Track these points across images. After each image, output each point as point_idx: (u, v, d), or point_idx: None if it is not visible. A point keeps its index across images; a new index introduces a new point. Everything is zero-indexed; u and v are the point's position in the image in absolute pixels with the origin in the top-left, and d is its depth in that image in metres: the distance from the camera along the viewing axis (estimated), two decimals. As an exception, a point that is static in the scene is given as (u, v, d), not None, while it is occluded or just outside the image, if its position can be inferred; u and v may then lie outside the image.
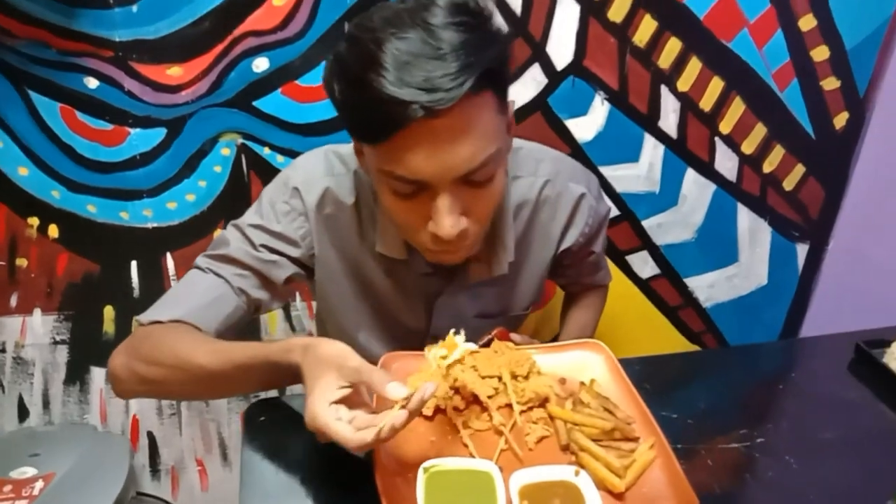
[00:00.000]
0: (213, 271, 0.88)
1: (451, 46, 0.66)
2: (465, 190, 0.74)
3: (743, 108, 1.38)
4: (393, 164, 0.72)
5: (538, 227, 0.98)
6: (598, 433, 0.76)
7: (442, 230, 0.74)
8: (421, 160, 0.70)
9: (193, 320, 0.84)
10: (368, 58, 0.67)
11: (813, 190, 1.49)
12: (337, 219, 0.92)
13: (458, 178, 0.73)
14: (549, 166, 0.98)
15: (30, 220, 1.28)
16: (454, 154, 0.70)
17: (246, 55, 1.21)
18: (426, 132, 0.68)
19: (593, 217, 1.00)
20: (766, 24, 1.30)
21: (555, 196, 0.97)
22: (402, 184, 0.74)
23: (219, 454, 1.57)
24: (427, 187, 0.73)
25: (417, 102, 0.65)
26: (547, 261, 1.02)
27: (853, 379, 0.94)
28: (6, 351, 1.39)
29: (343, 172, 0.92)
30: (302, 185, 0.91)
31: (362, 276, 0.97)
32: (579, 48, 1.28)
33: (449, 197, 0.73)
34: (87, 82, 1.19)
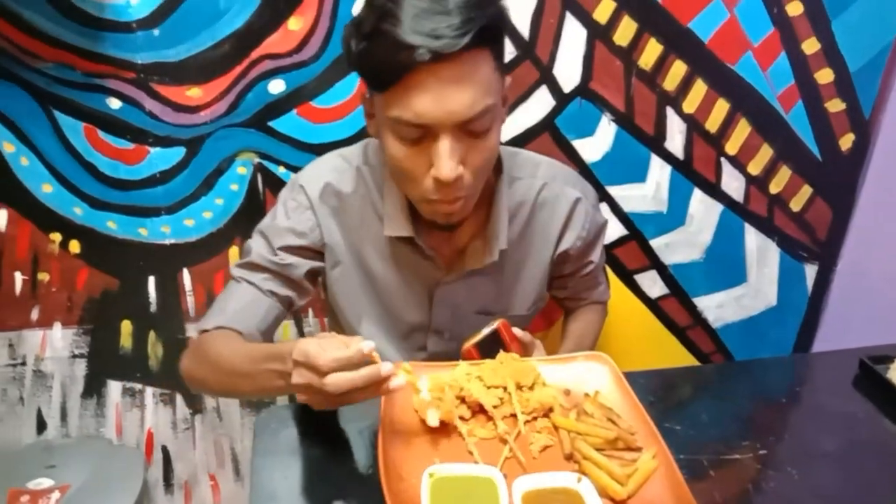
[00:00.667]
0: (244, 279, 1.00)
1: (456, 4, 0.76)
2: (463, 139, 0.82)
3: (749, 129, 1.40)
4: (401, 108, 0.80)
5: (537, 228, 1.05)
6: (601, 443, 0.77)
7: (442, 172, 0.81)
8: (426, 103, 0.78)
9: (234, 325, 0.95)
10: (386, 12, 0.76)
11: (820, 210, 1.50)
12: (339, 210, 1.01)
13: (458, 124, 0.80)
14: (546, 170, 1.06)
15: (52, 235, 1.32)
16: (455, 99, 0.78)
17: (263, 77, 1.25)
18: (431, 77, 0.77)
19: (590, 223, 1.07)
20: (770, 47, 1.33)
21: (552, 198, 1.04)
22: (408, 129, 0.81)
23: (231, 469, 1.59)
24: (430, 133, 0.81)
25: (424, 47, 0.74)
26: (546, 262, 1.07)
27: (857, 394, 0.94)
28: (26, 364, 1.42)
29: (345, 168, 1.02)
30: (306, 182, 1.01)
31: (366, 266, 1.04)
32: (586, 71, 1.31)
33: (449, 142, 0.81)
34: (109, 103, 1.23)
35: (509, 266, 1.05)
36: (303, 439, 0.81)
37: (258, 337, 0.98)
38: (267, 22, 1.21)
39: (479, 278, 1.03)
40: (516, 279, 1.07)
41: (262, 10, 1.19)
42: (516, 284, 1.07)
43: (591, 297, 1.21)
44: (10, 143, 1.24)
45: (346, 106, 1.29)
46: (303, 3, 1.20)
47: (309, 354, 0.70)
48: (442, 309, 1.04)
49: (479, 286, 1.04)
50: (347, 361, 0.69)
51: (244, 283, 1.00)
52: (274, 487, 0.75)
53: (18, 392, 1.45)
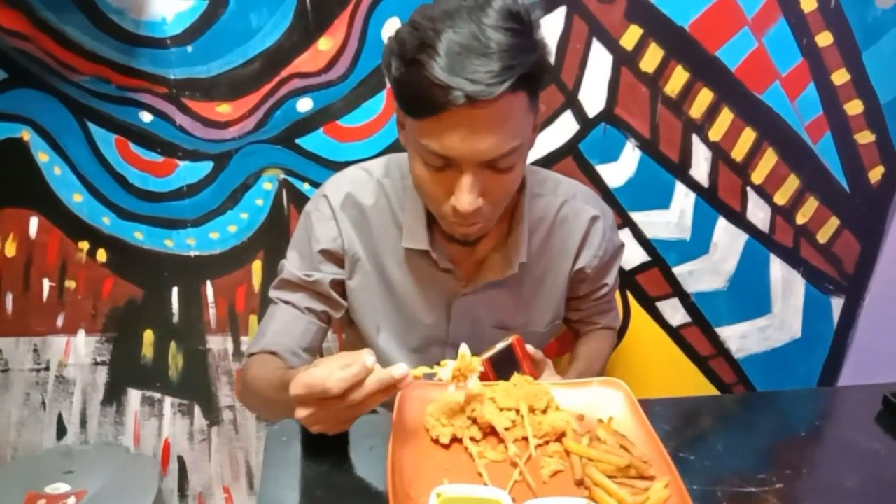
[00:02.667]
0: (281, 300, 1.04)
1: (499, 47, 0.75)
2: (486, 173, 0.84)
3: (775, 159, 1.39)
4: (430, 139, 0.81)
5: (556, 244, 1.05)
6: (613, 469, 0.76)
7: (461, 205, 0.83)
8: (455, 141, 0.79)
9: (276, 347, 1.00)
10: (425, 43, 0.76)
11: (848, 243, 1.47)
12: (359, 220, 1.03)
13: (483, 162, 0.82)
14: (567, 188, 1.07)
15: (80, 244, 1.35)
16: (484, 141, 0.79)
17: (291, 95, 1.27)
18: (464, 118, 0.77)
19: (608, 242, 1.08)
20: (798, 78, 1.32)
21: (572, 215, 1.05)
22: (435, 158, 0.83)
23: (245, 483, 1.59)
24: (455, 165, 0.83)
25: (461, 91, 0.74)
26: (564, 278, 1.08)
27: (880, 430, 0.92)
28: (50, 369, 1.45)
29: (366, 180, 1.03)
30: (328, 193, 1.03)
31: (385, 276, 1.05)
32: (611, 96, 1.32)
33: (472, 177, 0.82)
34: (141, 116, 1.27)
35: (528, 281, 1.06)
36: (313, 453, 0.81)
37: (301, 355, 1.01)
38: (297, 42, 1.23)
39: (497, 291, 1.04)
40: (535, 294, 1.07)
41: (293, 30, 1.22)
42: (535, 300, 1.08)
43: (602, 321, 1.22)
44: (45, 152, 1.28)
45: (372, 126, 1.30)
46: (333, 24, 1.23)
47: (312, 385, 0.69)
48: (460, 322, 1.05)
49: (497, 299, 1.05)
50: (356, 378, 0.69)
51: (281, 305, 1.04)
52: (282, 500, 0.75)
53: (41, 397, 1.47)
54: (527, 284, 1.06)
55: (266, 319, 1.05)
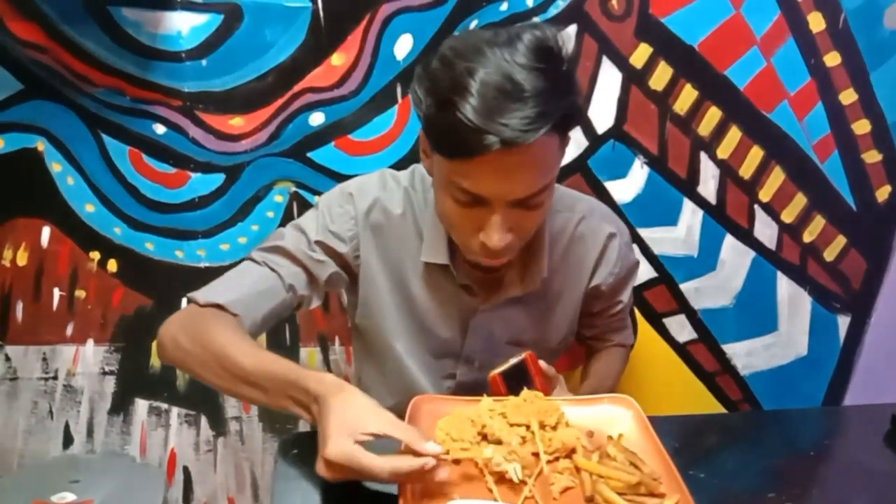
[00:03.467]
0: (267, 264, 0.96)
1: (533, 91, 0.74)
2: (516, 210, 0.84)
3: (783, 177, 1.39)
4: (461, 178, 0.81)
5: (573, 260, 1.05)
6: (623, 487, 0.76)
7: (491, 242, 0.84)
8: (488, 182, 0.80)
9: (242, 308, 0.91)
10: (459, 83, 0.75)
11: (855, 261, 1.48)
12: (383, 228, 1.00)
13: (515, 200, 0.82)
14: (584, 205, 1.07)
15: (91, 254, 1.36)
16: (518, 182, 0.80)
17: (304, 109, 1.28)
18: (498, 161, 0.77)
19: (623, 260, 1.08)
20: (806, 97, 1.33)
21: (589, 232, 1.05)
22: (465, 195, 0.82)
23: (250, 494, 1.59)
24: (485, 203, 0.82)
25: (497, 137, 0.73)
26: (579, 295, 1.08)
27: (888, 450, 0.92)
28: (58, 378, 1.45)
29: (394, 188, 1.01)
30: (356, 192, 1.00)
31: (404, 287, 1.03)
32: (620, 113, 1.33)
33: (502, 215, 0.83)
34: (155, 128, 1.27)
35: (544, 297, 1.05)
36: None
37: (255, 329, 0.93)
38: (311, 56, 1.24)
39: (514, 307, 1.04)
40: (550, 311, 1.07)
41: (307, 46, 1.23)
42: (550, 316, 1.08)
43: (616, 339, 1.22)
44: (58, 162, 1.29)
45: (383, 140, 1.32)
46: (346, 40, 1.24)
47: (362, 465, 0.68)
48: (476, 337, 1.05)
49: (513, 315, 1.05)
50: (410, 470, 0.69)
51: (266, 268, 0.96)
52: (294, 513, 0.75)
53: (48, 405, 1.47)
54: (543, 301, 1.06)
55: (239, 274, 0.97)
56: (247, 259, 0.99)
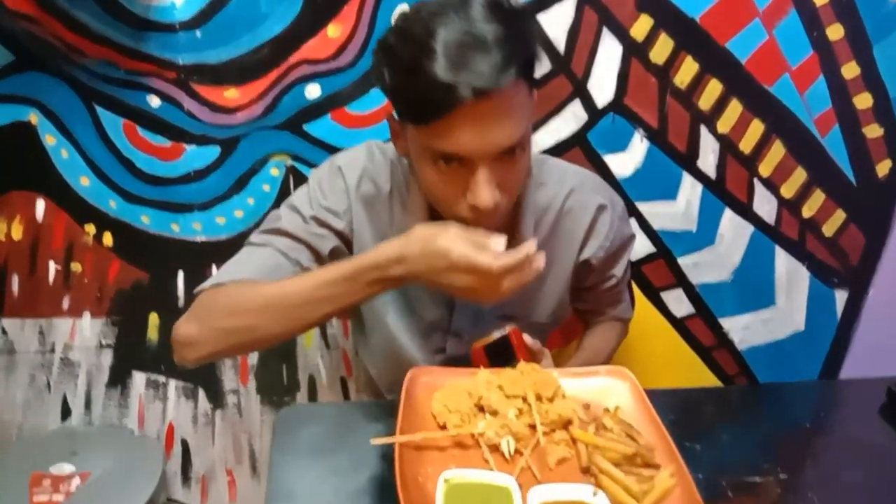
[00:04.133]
0: (268, 244, 0.95)
1: (495, 39, 0.76)
2: (498, 165, 0.83)
3: (783, 151, 1.38)
4: (440, 141, 0.80)
5: (561, 234, 1.04)
6: (618, 458, 0.77)
7: (481, 201, 0.83)
8: (467, 138, 0.79)
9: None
10: (421, 46, 0.76)
11: (854, 237, 1.47)
12: (373, 203, 1.00)
13: (497, 154, 0.82)
14: (574, 177, 1.06)
15: (87, 227, 1.35)
16: (496, 132, 0.80)
17: (299, 81, 1.27)
18: (472, 114, 0.77)
19: (615, 233, 1.06)
20: (808, 71, 1.31)
21: (578, 205, 1.04)
22: (445, 159, 0.82)
23: (249, 465, 1.60)
24: (467, 162, 0.82)
25: (469, 86, 0.74)
26: (569, 269, 1.07)
27: (883, 423, 0.93)
28: (55, 351, 1.46)
29: (381, 160, 1.01)
30: (344, 166, 1.00)
31: None
32: (620, 86, 1.32)
33: (487, 171, 0.82)
34: (149, 101, 1.26)
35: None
36: (322, 439, 0.82)
37: None
38: (306, 28, 1.23)
39: None
40: (539, 285, 1.06)
41: (303, 16, 1.22)
42: (538, 291, 1.07)
43: (611, 312, 1.21)
44: (52, 135, 1.28)
45: (379, 113, 1.30)
46: (342, 10, 1.22)
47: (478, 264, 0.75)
48: (463, 311, 1.04)
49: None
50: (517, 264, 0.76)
51: (268, 249, 0.95)
52: (291, 485, 0.76)
53: (46, 379, 1.48)
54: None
55: (245, 256, 0.96)
56: (247, 244, 0.98)
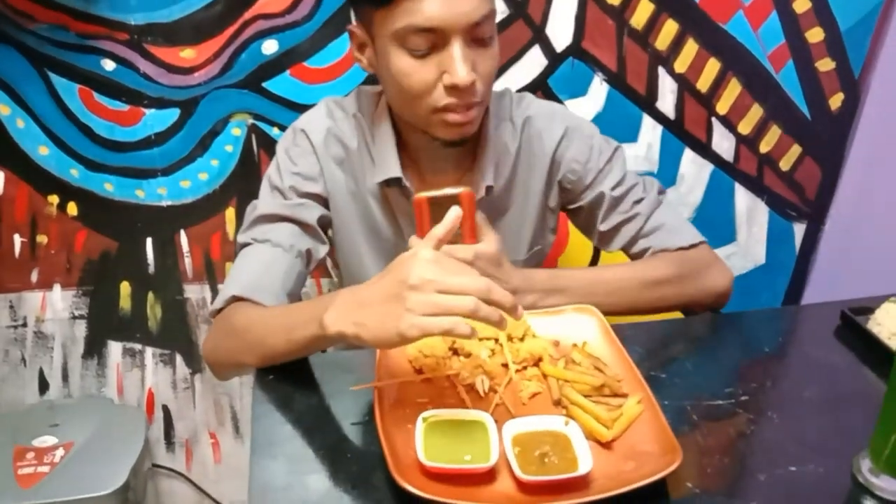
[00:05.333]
0: (256, 240, 0.95)
1: None
2: (472, 47, 0.85)
3: (739, 89, 1.41)
4: (410, 15, 0.82)
5: (525, 164, 1.04)
6: (588, 389, 0.80)
7: (458, 76, 0.84)
8: (437, 7, 0.81)
9: (257, 290, 0.90)
10: None
11: (809, 170, 1.52)
12: (342, 160, 1.00)
13: (467, 28, 0.83)
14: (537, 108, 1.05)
15: (50, 198, 1.34)
16: (465, 2, 0.82)
17: (256, 38, 1.26)
18: None
19: (589, 149, 1.04)
20: (760, 7, 1.34)
21: (539, 133, 1.04)
22: (418, 38, 0.83)
23: (231, 427, 1.62)
24: (440, 41, 0.84)
25: None
26: (538, 198, 1.06)
27: (839, 344, 0.97)
28: (27, 325, 1.45)
29: (342, 117, 1.00)
30: (306, 127, 0.99)
31: (369, 217, 1.03)
32: (578, 30, 1.32)
33: (462, 46, 0.84)
34: (104, 64, 1.24)
35: (501, 206, 1.05)
36: (302, 390, 0.83)
37: (284, 300, 0.92)
38: (260, -19, 1.21)
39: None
40: (510, 220, 1.06)
41: (255, -30, 1.20)
42: (510, 225, 1.06)
43: (651, 243, 1.05)
44: (6, 105, 1.25)
45: (339, 66, 1.30)
46: (295, -38, 1.21)
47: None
48: None
49: None
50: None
51: (257, 245, 0.94)
52: (274, 434, 0.77)
53: (20, 353, 1.48)
54: (500, 210, 1.05)
55: (239, 263, 0.94)
56: (238, 248, 0.97)
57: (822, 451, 0.76)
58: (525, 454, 0.71)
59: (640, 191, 1.05)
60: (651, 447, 0.73)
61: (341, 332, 0.70)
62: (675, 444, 0.70)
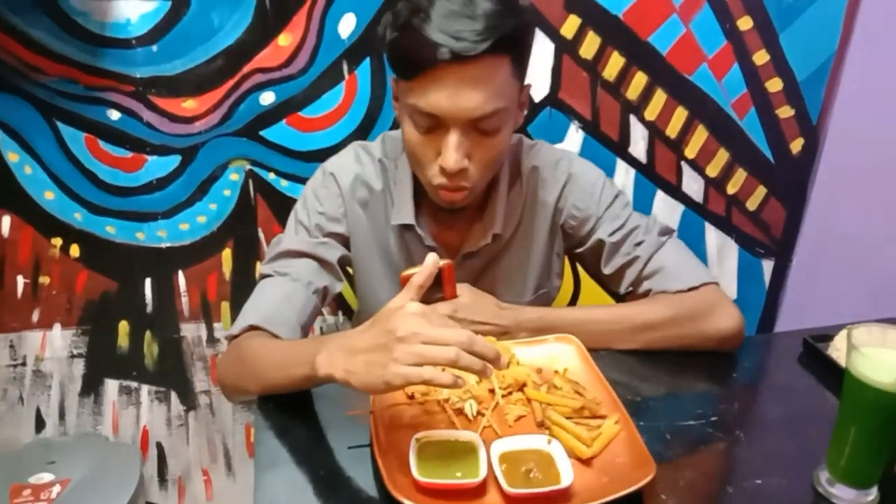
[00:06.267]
0: (278, 272, 1.00)
1: (484, 11, 0.83)
2: (472, 135, 0.90)
3: (706, 134, 1.50)
4: (418, 97, 0.87)
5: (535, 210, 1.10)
6: (569, 411, 0.86)
7: (446, 162, 0.89)
8: (441, 98, 0.86)
9: (274, 322, 0.95)
10: (419, 9, 0.84)
11: (775, 209, 1.61)
12: (367, 203, 1.06)
13: (468, 121, 0.88)
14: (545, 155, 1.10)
15: (53, 240, 1.39)
16: (469, 99, 0.86)
17: (254, 89, 1.33)
18: (450, 76, 0.84)
19: (589, 197, 1.08)
20: (723, 59, 1.44)
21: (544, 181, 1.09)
22: (423, 118, 0.89)
23: (224, 464, 1.65)
24: (442, 125, 0.89)
25: (446, 47, 0.82)
26: (543, 242, 1.11)
27: (801, 369, 1.04)
28: (27, 364, 1.48)
29: (368, 161, 1.07)
30: (336, 171, 1.06)
31: (387, 254, 1.08)
32: (555, 82, 1.42)
33: (457, 136, 0.88)
34: (109, 114, 1.31)
35: (508, 250, 1.09)
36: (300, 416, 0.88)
37: (299, 333, 0.97)
38: (258, 38, 1.29)
39: (478, 263, 1.08)
40: (516, 264, 1.11)
41: (254, 27, 1.28)
42: (516, 269, 1.11)
43: (652, 285, 1.05)
44: (15, 152, 1.31)
45: (332, 115, 1.37)
46: (291, 20, 1.29)
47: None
48: None
49: (479, 271, 1.09)
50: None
51: (278, 277, 0.99)
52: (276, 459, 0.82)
53: (18, 392, 1.50)
54: (507, 254, 1.09)
55: (259, 292, 0.99)
56: (260, 278, 1.02)
57: (785, 464, 0.82)
58: (511, 470, 0.76)
59: (642, 233, 1.07)
60: (627, 462, 0.78)
61: (331, 376, 0.74)
62: (649, 459, 0.76)
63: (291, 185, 1.42)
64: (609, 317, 1.03)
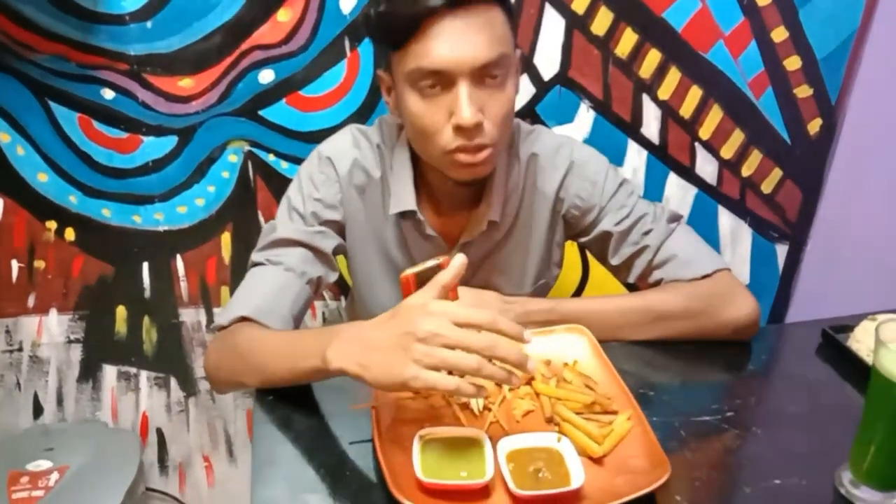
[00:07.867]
0: (271, 261, 0.97)
1: None
2: (480, 88, 0.87)
3: (721, 115, 1.46)
4: (419, 58, 0.85)
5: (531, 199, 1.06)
6: (579, 406, 0.82)
7: (462, 116, 0.85)
8: (443, 49, 0.84)
9: (265, 313, 0.92)
10: None
11: (790, 192, 1.56)
12: (364, 189, 1.02)
13: (475, 70, 0.85)
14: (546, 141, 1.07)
15: (48, 224, 1.36)
16: (471, 43, 0.84)
17: (253, 67, 1.29)
18: (447, 28, 0.83)
19: (592, 185, 1.05)
20: (740, 36, 1.38)
21: (549, 167, 1.06)
22: (427, 79, 0.86)
23: (225, 451, 1.63)
24: (448, 82, 0.86)
25: None
26: (543, 233, 1.08)
27: (820, 361, 1.00)
28: (23, 350, 1.46)
29: (367, 146, 1.03)
30: (333, 155, 1.01)
31: (384, 245, 1.05)
32: (565, 59, 1.37)
33: (467, 87, 0.85)
34: (103, 93, 1.27)
35: (507, 240, 1.07)
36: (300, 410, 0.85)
37: (287, 325, 0.94)
38: (256, 14, 1.25)
39: (475, 252, 1.04)
40: (515, 254, 1.08)
41: (252, 2, 1.24)
42: (516, 259, 1.09)
43: (663, 274, 1.04)
44: (7, 133, 1.27)
45: (333, 95, 1.33)
46: (291, -5, 1.25)
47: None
48: None
49: (479, 261, 1.06)
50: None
51: (270, 267, 0.96)
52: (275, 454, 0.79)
53: (15, 378, 1.48)
54: (506, 244, 1.07)
55: (251, 282, 0.97)
56: (251, 265, 0.99)
57: (806, 464, 0.79)
58: (519, 470, 0.73)
59: (650, 221, 1.04)
60: (641, 462, 0.75)
61: (343, 369, 0.73)
62: (663, 459, 0.73)
63: (291, 167, 1.37)
64: (621, 307, 1.01)
